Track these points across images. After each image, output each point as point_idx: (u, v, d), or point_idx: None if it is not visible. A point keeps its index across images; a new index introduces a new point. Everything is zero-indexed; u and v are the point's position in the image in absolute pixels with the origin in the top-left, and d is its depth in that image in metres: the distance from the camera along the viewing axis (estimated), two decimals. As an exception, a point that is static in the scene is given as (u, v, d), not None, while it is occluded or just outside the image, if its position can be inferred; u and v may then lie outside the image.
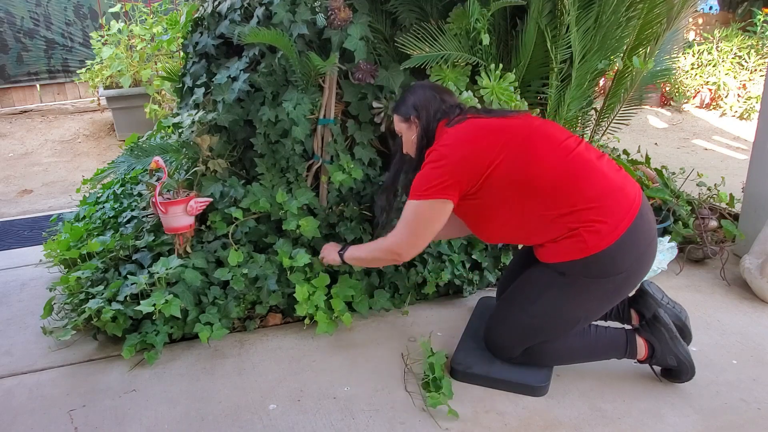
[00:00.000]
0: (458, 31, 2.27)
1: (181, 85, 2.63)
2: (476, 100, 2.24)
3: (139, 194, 2.65)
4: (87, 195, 2.87)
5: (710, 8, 6.79)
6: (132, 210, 2.51)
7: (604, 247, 1.62)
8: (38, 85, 5.63)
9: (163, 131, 2.79)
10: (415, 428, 1.68)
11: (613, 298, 1.76)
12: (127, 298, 2.01)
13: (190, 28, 2.61)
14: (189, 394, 1.83)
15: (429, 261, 2.26)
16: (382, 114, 2.27)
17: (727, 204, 2.90)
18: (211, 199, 2.21)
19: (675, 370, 1.82)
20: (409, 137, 1.89)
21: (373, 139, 2.34)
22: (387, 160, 2.30)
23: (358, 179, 2.27)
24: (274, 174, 2.29)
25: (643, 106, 4.62)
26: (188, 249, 2.16)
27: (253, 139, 2.27)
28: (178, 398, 1.81)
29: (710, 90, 5.50)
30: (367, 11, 2.28)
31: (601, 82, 3.52)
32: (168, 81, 3.08)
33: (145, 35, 4.55)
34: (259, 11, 2.25)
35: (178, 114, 2.52)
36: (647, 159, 3.13)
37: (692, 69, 5.59)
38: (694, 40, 6.06)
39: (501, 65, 2.28)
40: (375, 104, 2.26)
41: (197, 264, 2.11)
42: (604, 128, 2.90)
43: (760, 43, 5.61)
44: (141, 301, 1.94)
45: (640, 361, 1.85)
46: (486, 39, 2.23)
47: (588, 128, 2.89)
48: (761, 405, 1.78)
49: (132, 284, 2.03)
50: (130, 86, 4.54)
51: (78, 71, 4.98)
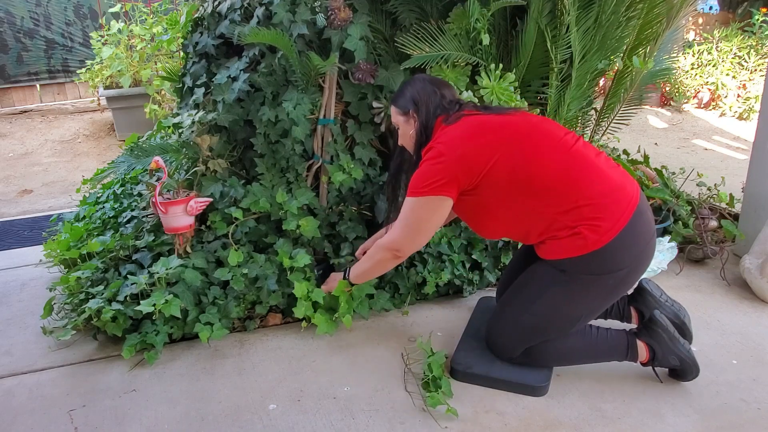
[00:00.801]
0: (458, 31, 2.27)
1: (181, 85, 2.63)
2: (476, 100, 2.24)
3: (139, 194, 2.65)
4: (87, 195, 2.87)
5: (710, 8, 6.78)
6: (132, 210, 2.51)
7: (604, 244, 1.62)
8: (38, 85, 5.63)
9: (163, 131, 2.79)
10: (415, 428, 1.68)
11: (613, 295, 1.76)
12: (127, 298, 2.02)
13: (190, 28, 2.61)
14: (189, 394, 1.83)
15: (429, 261, 2.26)
16: (382, 114, 2.27)
17: (727, 204, 2.90)
18: (211, 199, 2.21)
19: (679, 369, 1.82)
20: (406, 131, 1.88)
21: (373, 139, 2.34)
22: (387, 160, 2.30)
23: (358, 179, 2.27)
24: (274, 174, 2.29)
25: (643, 106, 4.62)
26: (188, 249, 2.16)
27: (253, 139, 2.27)
28: (178, 398, 1.81)
29: (710, 90, 5.50)
30: (367, 11, 2.28)
31: (601, 82, 3.52)
32: (168, 81, 3.08)
33: (145, 35, 4.55)
34: (259, 11, 2.25)
35: (178, 114, 2.52)
36: (647, 159, 3.12)
37: (692, 69, 5.58)
38: (694, 40, 6.06)
39: (501, 65, 2.28)
40: (375, 104, 2.27)
41: (197, 264, 2.11)
42: (604, 128, 2.90)
43: (759, 43, 5.61)
44: (141, 301, 1.94)
45: (643, 364, 1.85)
46: (486, 39, 2.23)
47: (588, 128, 2.89)
48: (761, 405, 1.78)
49: (132, 284, 2.03)
50: (130, 86, 4.54)
51: (78, 71, 4.98)
